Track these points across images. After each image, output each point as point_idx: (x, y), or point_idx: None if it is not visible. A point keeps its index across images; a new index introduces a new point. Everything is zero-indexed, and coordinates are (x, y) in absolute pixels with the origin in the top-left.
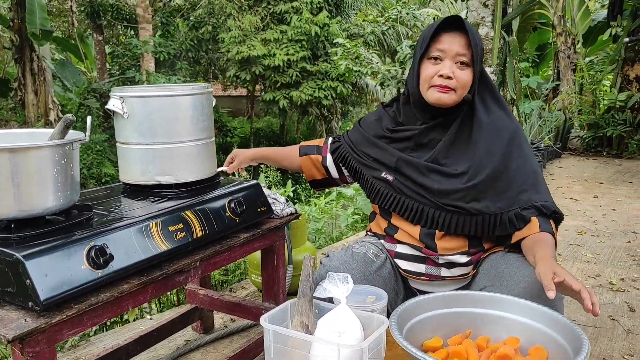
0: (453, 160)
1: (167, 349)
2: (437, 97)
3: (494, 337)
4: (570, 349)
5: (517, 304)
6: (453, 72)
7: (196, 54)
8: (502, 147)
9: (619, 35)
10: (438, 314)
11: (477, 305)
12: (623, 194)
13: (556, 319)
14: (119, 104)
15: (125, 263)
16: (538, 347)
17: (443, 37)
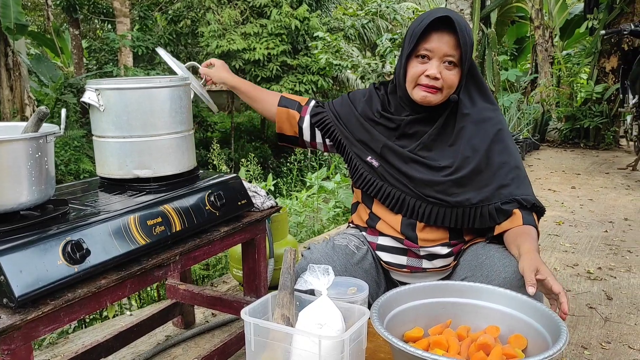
0: (437, 154)
1: (147, 344)
2: (423, 96)
3: (474, 326)
4: (549, 336)
5: (497, 293)
6: (440, 73)
7: (175, 48)
8: (486, 143)
9: (596, 28)
10: (418, 304)
11: (457, 295)
12: (600, 185)
13: (535, 307)
14: (94, 97)
15: (103, 258)
16: (517, 335)
17: (432, 35)
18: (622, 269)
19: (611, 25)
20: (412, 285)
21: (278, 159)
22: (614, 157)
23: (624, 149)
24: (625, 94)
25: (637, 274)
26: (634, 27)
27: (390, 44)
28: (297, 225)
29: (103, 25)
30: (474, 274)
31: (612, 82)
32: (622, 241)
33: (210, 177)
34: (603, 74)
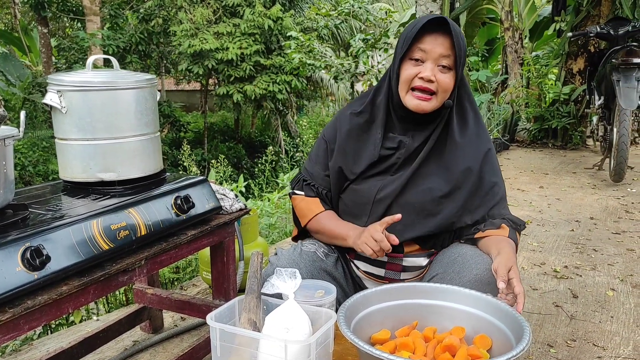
0: (432, 180)
1: (114, 350)
2: (416, 104)
3: (441, 327)
4: (513, 336)
5: (462, 293)
6: (435, 75)
7: (147, 47)
8: (478, 164)
9: (563, 30)
10: (385, 306)
11: (423, 296)
12: (567, 184)
13: (499, 307)
14: (56, 98)
15: (64, 264)
16: (482, 336)
17: (426, 37)
18: (587, 267)
19: (578, 27)
20: (379, 287)
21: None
22: (581, 156)
23: (591, 149)
24: (592, 95)
25: (602, 272)
26: (599, 30)
27: (363, 44)
28: (268, 227)
29: (72, 24)
30: (446, 271)
31: (579, 83)
32: (587, 240)
33: (177, 180)
34: (570, 76)
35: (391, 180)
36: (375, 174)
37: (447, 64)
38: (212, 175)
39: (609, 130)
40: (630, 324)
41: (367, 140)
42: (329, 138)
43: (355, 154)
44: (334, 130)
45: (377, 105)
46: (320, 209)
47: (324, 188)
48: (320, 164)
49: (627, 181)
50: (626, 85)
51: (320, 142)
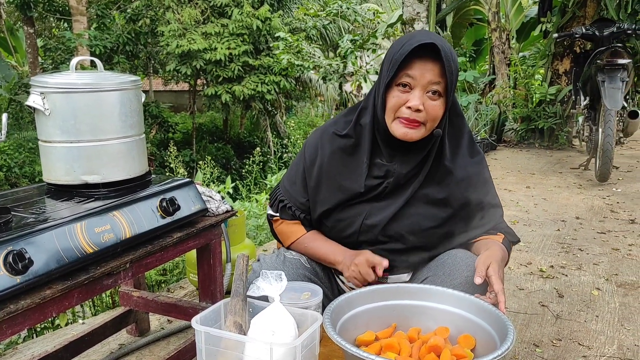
0: (425, 209)
1: (100, 353)
2: (403, 132)
3: (425, 327)
4: (497, 336)
5: (446, 294)
6: (423, 104)
7: (134, 48)
8: (474, 190)
9: (549, 31)
10: (370, 307)
11: (407, 297)
12: (553, 184)
13: (482, 307)
14: (39, 100)
15: (47, 268)
16: (466, 336)
17: (414, 62)
18: (573, 267)
19: (564, 28)
20: (364, 289)
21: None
22: (567, 156)
23: (577, 149)
24: (577, 95)
25: (588, 272)
26: (585, 31)
27: (352, 44)
28: (256, 228)
29: (59, 24)
30: (436, 273)
31: (565, 83)
32: (573, 239)
33: (162, 182)
34: (556, 76)
35: (379, 208)
36: (362, 201)
37: (437, 90)
38: (199, 176)
39: (594, 131)
40: (615, 323)
41: (353, 167)
42: (308, 158)
43: (340, 181)
44: (316, 150)
45: (363, 127)
46: (302, 231)
47: (302, 212)
48: (299, 185)
49: (612, 181)
50: (611, 85)
51: (299, 161)
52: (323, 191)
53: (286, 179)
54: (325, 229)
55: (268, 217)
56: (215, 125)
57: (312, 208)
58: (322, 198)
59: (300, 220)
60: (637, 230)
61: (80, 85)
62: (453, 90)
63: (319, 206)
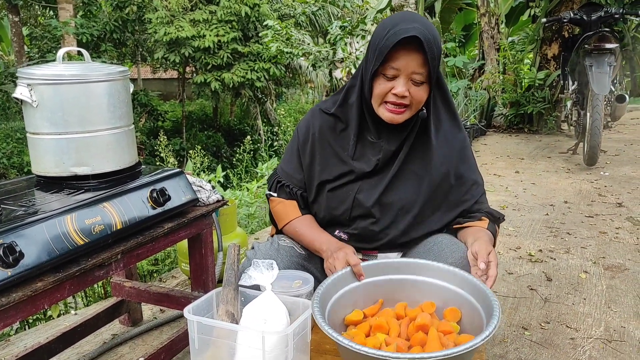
0: (412, 182)
1: (93, 344)
2: (390, 117)
3: (412, 300)
4: (481, 308)
5: (431, 267)
6: (408, 90)
7: (122, 35)
8: (456, 163)
9: (538, 16)
10: (356, 285)
11: (392, 272)
12: (542, 169)
13: (467, 280)
14: (26, 92)
15: (38, 260)
16: (453, 309)
17: (399, 53)
18: (561, 250)
19: (552, 13)
20: (348, 268)
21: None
22: (555, 141)
23: (565, 134)
24: (566, 80)
25: (576, 255)
26: (573, 15)
27: (341, 31)
28: (247, 217)
29: (44, 12)
30: (423, 258)
31: (554, 68)
32: (562, 223)
33: (152, 173)
34: (545, 61)
35: (369, 184)
36: (353, 179)
37: (420, 80)
38: (189, 166)
39: (582, 115)
40: (602, 306)
41: (342, 143)
42: (301, 137)
43: (329, 157)
44: (307, 129)
45: (350, 105)
46: (297, 213)
47: (299, 189)
48: (294, 164)
49: (600, 165)
50: (598, 70)
51: (293, 141)
52: (316, 166)
53: (283, 161)
54: (320, 208)
55: (267, 196)
56: (205, 113)
57: (308, 185)
58: (317, 172)
59: (297, 199)
60: (625, 213)
61: (67, 77)
62: (437, 72)
63: (315, 180)
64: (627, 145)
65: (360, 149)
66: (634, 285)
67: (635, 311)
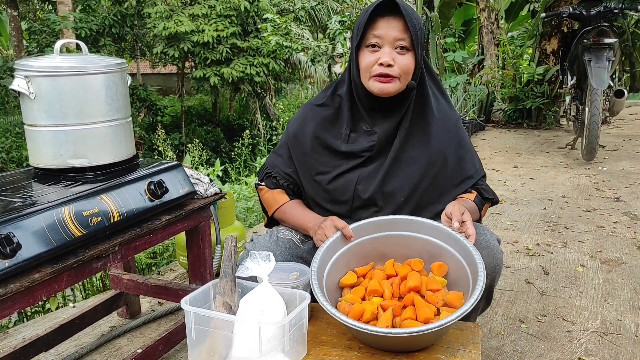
0: (410, 168)
1: (91, 336)
2: (380, 87)
3: (399, 255)
4: (464, 261)
5: (416, 222)
6: (394, 59)
7: (121, 30)
8: (453, 142)
9: (537, 11)
10: (348, 247)
11: (379, 230)
12: (541, 164)
13: (450, 235)
14: (24, 84)
15: (35, 251)
16: (440, 264)
17: (379, 22)
18: (558, 244)
19: (551, 8)
20: (337, 234)
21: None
22: (554, 136)
23: (564, 129)
24: (565, 75)
25: (572, 249)
26: (572, 10)
27: (340, 26)
28: (246, 211)
29: (43, 6)
30: None
31: (553, 63)
32: (559, 218)
33: (150, 165)
34: (544, 56)
35: (368, 172)
36: (350, 168)
37: (404, 45)
38: (187, 160)
39: (581, 110)
40: (599, 299)
41: (334, 134)
42: (292, 132)
43: (323, 149)
44: (299, 123)
45: (341, 96)
46: (285, 199)
47: (285, 181)
48: (284, 157)
49: (598, 159)
50: (597, 65)
51: (284, 136)
52: (310, 159)
53: (274, 153)
54: (321, 202)
55: (255, 186)
56: (204, 108)
57: (304, 179)
58: (312, 165)
59: (284, 189)
60: (622, 208)
61: (65, 69)
62: (420, 43)
63: (311, 174)
64: (625, 141)
65: (353, 137)
66: (630, 279)
67: (631, 304)
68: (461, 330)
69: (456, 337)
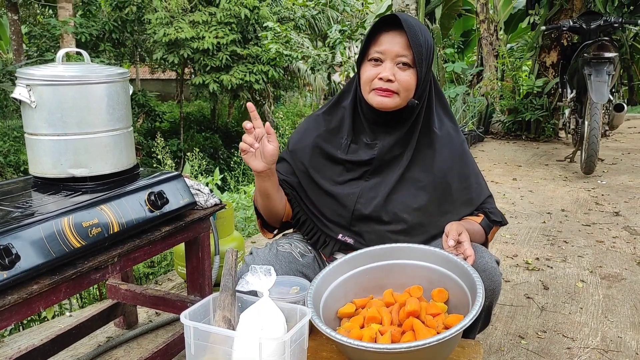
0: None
1: (87, 347)
2: (379, 101)
3: (399, 284)
4: (466, 286)
5: (414, 249)
6: (394, 74)
7: (121, 35)
8: (458, 166)
9: (537, 24)
10: (345, 277)
11: (377, 259)
12: (540, 176)
13: (449, 259)
14: (25, 93)
15: (34, 263)
16: (440, 290)
17: (382, 37)
18: (558, 259)
19: (551, 21)
20: (334, 263)
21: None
22: (553, 149)
23: (563, 141)
24: (564, 88)
25: (572, 264)
26: (572, 24)
27: (340, 35)
28: (245, 220)
29: (44, 11)
30: None
31: (552, 76)
32: (558, 232)
33: (150, 175)
34: (544, 69)
35: (370, 186)
36: (348, 180)
37: (405, 62)
38: (187, 169)
39: (580, 123)
40: (599, 315)
41: (335, 145)
42: (292, 144)
43: (324, 159)
44: (299, 136)
45: (344, 107)
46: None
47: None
48: (281, 166)
49: (597, 173)
50: (597, 79)
51: (284, 151)
52: (310, 170)
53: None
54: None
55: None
56: (203, 114)
57: (307, 190)
58: (313, 176)
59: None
60: (622, 222)
61: (67, 78)
62: (424, 60)
63: (312, 184)
64: (624, 154)
65: (354, 149)
66: (630, 295)
67: (631, 321)
68: (462, 348)
69: (457, 355)
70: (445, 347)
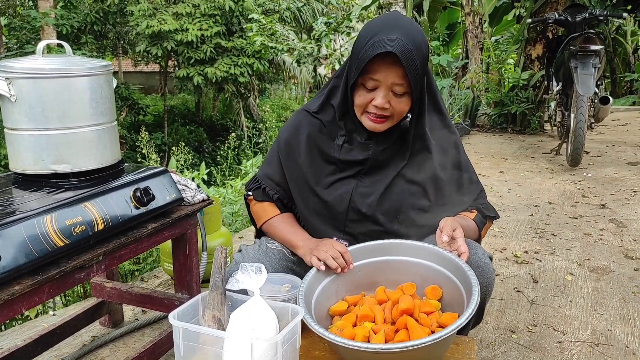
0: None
1: (72, 346)
2: (371, 125)
3: (391, 281)
4: (460, 283)
5: (407, 246)
6: (389, 102)
7: (103, 28)
8: (451, 164)
9: (522, 16)
10: (337, 275)
11: (369, 256)
12: (526, 169)
13: (442, 256)
14: (4, 86)
15: (16, 262)
16: (434, 287)
17: (378, 65)
18: (546, 252)
19: (537, 13)
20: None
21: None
22: (539, 141)
23: (549, 134)
24: (550, 81)
25: (561, 257)
26: (557, 16)
27: (326, 27)
28: (232, 215)
29: (23, 2)
30: None
31: (538, 69)
32: (546, 224)
33: (136, 171)
34: (529, 61)
35: (364, 186)
36: (344, 177)
37: (400, 91)
38: (173, 163)
39: (566, 116)
40: (588, 308)
41: (329, 144)
42: (284, 139)
43: (316, 159)
44: (290, 134)
45: (335, 107)
46: (275, 212)
47: (276, 192)
48: (275, 168)
49: (583, 166)
50: (583, 72)
51: (275, 145)
52: (303, 169)
53: (264, 164)
54: (312, 212)
55: (245, 197)
56: (187, 107)
57: (298, 190)
58: (305, 175)
59: (274, 202)
60: (608, 215)
61: (48, 71)
62: (419, 83)
63: (304, 184)
64: (609, 147)
65: (347, 148)
66: (619, 287)
67: (621, 314)
68: (456, 345)
69: (452, 353)
70: (441, 346)
